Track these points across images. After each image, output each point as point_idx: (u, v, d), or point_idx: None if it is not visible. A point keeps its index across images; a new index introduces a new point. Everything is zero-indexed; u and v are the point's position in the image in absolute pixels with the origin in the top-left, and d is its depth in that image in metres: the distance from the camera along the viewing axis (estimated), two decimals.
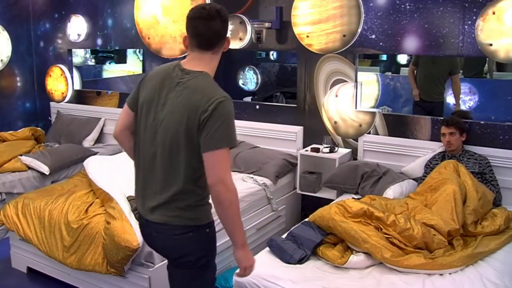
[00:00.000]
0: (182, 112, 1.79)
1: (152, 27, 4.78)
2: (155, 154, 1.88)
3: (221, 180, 1.76)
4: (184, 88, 1.82)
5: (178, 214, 1.87)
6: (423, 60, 4.38)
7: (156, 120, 1.87)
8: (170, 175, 1.85)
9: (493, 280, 2.30)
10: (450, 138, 3.31)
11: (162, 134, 1.84)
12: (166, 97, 1.85)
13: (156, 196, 1.89)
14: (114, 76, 6.27)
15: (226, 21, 1.87)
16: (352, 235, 2.49)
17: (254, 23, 4.09)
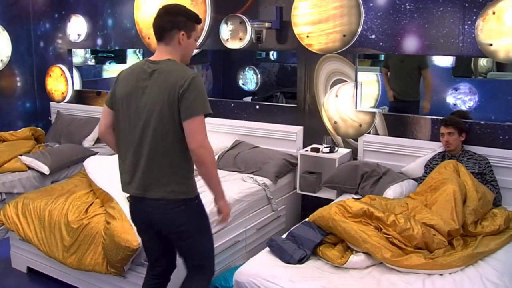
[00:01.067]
0: (162, 92, 2.08)
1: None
2: (142, 137, 2.13)
3: (201, 144, 2.07)
4: (159, 74, 2.12)
5: (173, 189, 2.14)
6: (392, 60, 4.49)
7: (138, 108, 2.14)
8: (160, 153, 2.11)
9: (493, 280, 2.30)
10: (448, 138, 3.31)
11: (147, 117, 2.11)
12: (143, 87, 2.13)
13: (149, 175, 2.14)
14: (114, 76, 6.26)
15: (172, 15, 2.18)
16: (352, 235, 2.49)
17: (254, 23, 4.09)
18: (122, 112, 2.20)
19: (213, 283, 3.06)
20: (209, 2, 4.43)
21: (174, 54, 2.20)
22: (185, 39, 2.20)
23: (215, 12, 4.44)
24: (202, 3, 4.45)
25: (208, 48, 4.64)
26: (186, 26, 2.19)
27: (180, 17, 2.18)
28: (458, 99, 4.45)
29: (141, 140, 2.14)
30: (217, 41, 4.44)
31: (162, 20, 2.19)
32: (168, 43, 2.19)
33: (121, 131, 2.23)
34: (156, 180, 2.14)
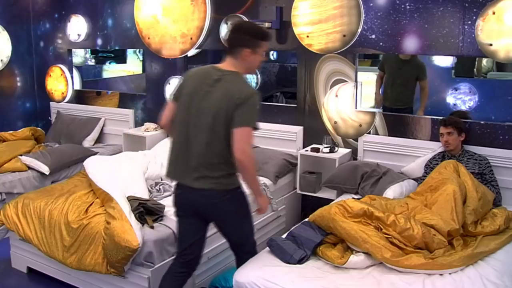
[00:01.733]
0: (223, 99, 2.34)
1: (152, 27, 4.78)
2: (198, 134, 2.39)
3: (244, 152, 2.33)
4: (224, 83, 2.39)
5: (221, 181, 2.42)
6: (389, 66, 4.32)
7: (200, 108, 2.40)
8: (213, 150, 2.38)
9: (493, 280, 2.30)
10: (448, 138, 3.32)
11: (207, 118, 2.37)
12: (207, 90, 2.41)
13: (202, 169, 2.40)
14: (114, 76, 6.27)
15: (238, 33, 2.46)
16: (352, 235, 2.49)
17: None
18: (183, 108, 2.46)
19: (213, 283, 3.06)
20: (209, 2, 4.43)
21: (239, 67, 2.44)
22: (250, 55, 2.42)
23: (215, 12, 4.44)
24: (202, 3, 4.45)
25: (208, 48, 4.64)
26: (251, 43, 2.41)
27: (245, 36, 2.42)
28: (458, 99, 4.45)
29: (197, 137, 2.39)
30: (217, 41, 4.44)
31: (231, 36, 2.49)
32: (235, 57, 2.43)
33: (179, 125, 2.48)
34: (207, 174, 2.39)
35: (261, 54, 2.47)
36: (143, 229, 2.85)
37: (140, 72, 5.77)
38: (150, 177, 3.69)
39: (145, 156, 3.85)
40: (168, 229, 2.93)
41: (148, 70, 5.03)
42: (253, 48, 2.41)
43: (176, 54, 4.73)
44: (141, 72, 5.59)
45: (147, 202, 3.06)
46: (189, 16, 4.54)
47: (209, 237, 3.22)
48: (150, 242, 2.80)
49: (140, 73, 5.78)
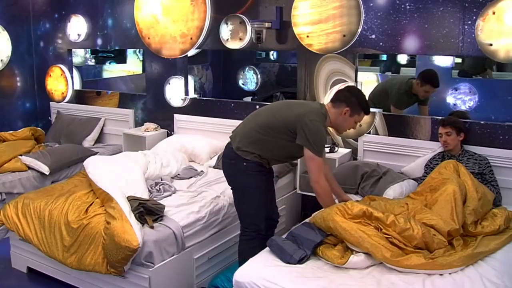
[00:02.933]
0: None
1: (152, 27, 4.78)
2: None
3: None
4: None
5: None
6: (408, 104, 4.17)
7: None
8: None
9: (493, 280, 2.30)
10: (446, 138, 3.33)
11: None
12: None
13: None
14: (114, 76, 6.26)
15: (350, 93, 2.85)
16: (352, 234, 2.49)
17: (254, 23, 4.09)
18: None
19: (213, 283, 3.06)
20: (209, 2, 4.43)
21: (331, 115, 2.83)
22: (347, 115, 2.81)
23: (215, 12, 4.44)
24: (202, 3, 4.45)
25: (208, 48, 4.64)
26: (354, 106, 2.80)
27: (354, 99, 2.81)
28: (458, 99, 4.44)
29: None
30: (217, 41, 4.44)
31: (341, 92, 2.89)
32: (335, 107, 2.83)
33: None
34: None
35: (355, 121, 2.86)
36: (143, 229, 2.85)
37: (140, 72, 5.76)
38: (150, 177, 3.69)
39: (145, 156, 3.85)
40: (168, 229, 2.93)
41: (148, 70, 5.03)
42: (353, 111, 2.81)
43: (176, 54, 4.73)
44: (141, 72, 5.58)
45: (147, 202, 3.06)
46: (189, 16, 4.54)
47: (209, 237, 3.23)
48: (150, 242, 2.80)
49: (140, 73, 5.78)
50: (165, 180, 3.69)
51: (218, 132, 4.53)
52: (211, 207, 3.27)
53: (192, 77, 4.91)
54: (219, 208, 3.31)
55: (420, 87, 3.96)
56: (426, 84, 3.94)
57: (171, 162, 3.92)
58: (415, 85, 4.00)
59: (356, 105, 2.82)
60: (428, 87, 3.95)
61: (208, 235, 3.22)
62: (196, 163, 4.33)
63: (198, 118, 4.69)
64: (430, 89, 3.97)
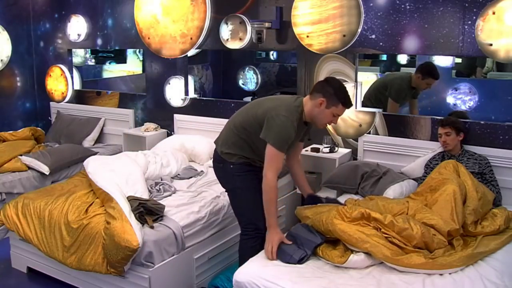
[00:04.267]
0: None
1: (152, 27, 4.78)
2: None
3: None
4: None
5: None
6: (406, 98, 4.21)
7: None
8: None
9: (493, 280, 2.30)
10: (446, 138, 3.34)
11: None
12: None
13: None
14: (114, 76, 6.26)
15: (327, 83, 2.70)
16: (352, 235, 2.49)
17: (254, 23, 4.09)
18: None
19: (213, 283, 3.06)
20: (209, 2, 4.43)
21: (307, 107, 2.69)
22: (323, 106, 2.64)
23: (215, 12, 4.44)
24: (202, 3, 4.45)
25: (208, 48, 4.64)
26: (329, 96, 2.63)
27: (329, 88, 2.64)
28: (458, 99, 4.44)
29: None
30: (217, 41, 4.44)
31: (318, 83, 2.76)
32: (312, 98, 2.69)
33: None
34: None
35: (332, 113, 2.67)
36: (143, 229, 2.85)
37: (140, 72, 5.76)
38: (150, 177, 3.69)
39: (145, 156, 3.85)
40: (168, 229, 2.94)
41: (148, 70, 5.03)
42: (329, 102, 2.64)
43: (176, 54, 4.73)
44: (141, 72, 5.58)
45: (147, 202, 3.06)
46: (189, 16, 4.54)
47: (209, 237, 3.23)
48: (150, 242, 2.80)
49: (140, 73, 5.78)
50: (165, 180, 3.69)
51: (218, 132, 4.46)
52: (211, 207, 3.27)
53: (192, 77, 4.91)
54: (219, 208, 3.31)
55: (421, 80, 3.97)
56: (428, 77, 3.96)
57: (171, 162, 3.92)
58: (415, 78, 4.01)
59: (332, 95, 2.63)
60: (430, 79, 3.97)
61: (208, 235, 3.22)
62: (196, 163, 4.33)
63: (198, 118, 4.69)
64: (431, 81, 3.99)
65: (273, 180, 2.63)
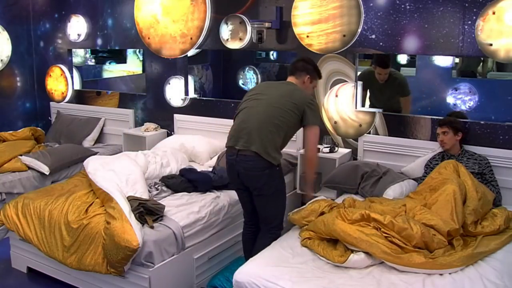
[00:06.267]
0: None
1: (152, 27, 4.78)
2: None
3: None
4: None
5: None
6: (371, 87, 4.14)
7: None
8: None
9: (493, 280, 2.30)
10: (443, 137, 3.35)
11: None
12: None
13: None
14: (114, 76, 6.27)
15: (306, 63, 3.10)
16: (351, 235, 2.50)
17: (254, 23, 4.09)
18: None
19: (213, 283, 3.06)
20: (209, 2, 4.43)
21: (300, 86, 3.04)
22: (308, 82, 3.08)
23: (215, 12, 4.44)
24: (202, 3, 4.45)
25: (208, 48, 4.64)
26: (312, 73, 3.09)
27: (309, 66, 3.08)
28: (458, 99, 4.44)
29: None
30: (217, 41, 4.44)
31: (298, 63, 3.11)
32: (297, 77, 3.06)
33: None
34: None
35: (313, 86, 3.15)
36: (143, 229, 2.85)
37: (140, 72, 5.76)
38: (150, 177, 3.69)
39: (145, 156, 3.85)
40: (168, 229, 2.94)
41: (148, 70, 5.03)
42: (312, 78, 3.09)
43: (176, 54, 4.73)
44: (141, 72, 5.58)
45: (147, 202, 3.06)
46: (189, 16, 4.54)
47: (209, 237, 3.23)
48: (150, 242, 2.80)
49: (140, 73, 5.78)
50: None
51: (218, 132, 4.53)
52: (211, 207, 3.27)
53: (192, 77, 4.91)
54: (219, 208, 3.31)
55: (374, 70, 4.06)
56: (376, 66, 4.05)
57: (171, 162, 3.92)
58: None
59: (313, 71, 3.09)
60: (378, 68, 4.04)
61: (208, 235, 3.22)
62: (196, 163, 4.33)
63: (198, 118, 4.69)
64: (379, 70, 4.04)
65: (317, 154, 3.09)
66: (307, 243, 2.67)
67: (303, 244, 2.69)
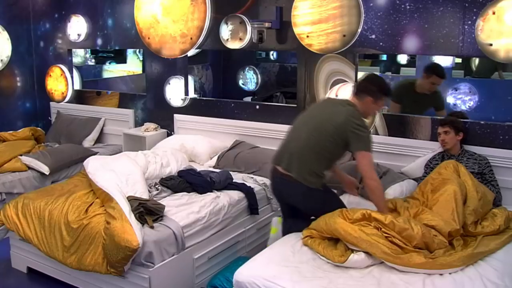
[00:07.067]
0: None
1: (152, 27, 4.78)
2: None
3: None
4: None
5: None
6: (406, 98, 4.09)
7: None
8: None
9: (493, 280, 2.30)
10: (444, 137, 3.35)
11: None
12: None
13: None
14: (114, 76, 6.27)
15: (369, 83, 2.95)
16: (351, 234, 2.50)
17: (254, 23, 4.09)
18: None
19: (213, 283, 3.06)
20: (209, 2, 4.43)
21: (360, 107, 2.88)
22: (371, 103, 2.89)
23: (215, 12, 4.44)
24: (202, 3, 4.45)
25: (208, 48, 4.64)
26: (374, 94, 2.88)
27: (373, 87, 2.89)
28: (458, 99, 4.44)
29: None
30: (217, 41, 4.44)
31: (361, 83, 3.00)
32: (359, 99, 2.90)
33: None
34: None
35: (379, 105, 2.97)
36: (143, 229, 2.85)
37: (140, 72, 5.76)
38: (150, 177, 3.69)
39: (145, 156, 3.85)
40: (168, 229, 2.93)
41: (148, 70, 5.03)
42: (375, 99, 2.89)
43: (176, 54, 4.73)
44: (141, 72, 5.58)
45: (147, 202, 3.06)
46: (189, 16, 4.54)
47: (209, 238, 3.23)
48: (150, 242, 2.80)
49: (140, 73, 5.78)
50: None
51: (218, 132, 4.53)
52: (211, 207, 3.27)
53: (192, 77, 4.91)
54: (219, 208, 3.31)
55: (426, 80, 3.86)
56: (432, 75, 3.85)
57: (171, 162, 3.92)
58: (419, 81, 3.91)
59: (376, 91, 2.90)
60: (434, 77, 3.86)
61: (208, 235, 3.22)
62: (196, 163, 4.33)
63: (198, 118, 4.69)
64: (436, 80, 3.86)
65: (379, 180, 2.85)
66: (308, 242, 2.67)
67: (304, 243, 2.69)
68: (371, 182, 2.74)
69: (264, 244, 3.47)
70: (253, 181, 3.74)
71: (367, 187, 2.78)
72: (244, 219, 3.51)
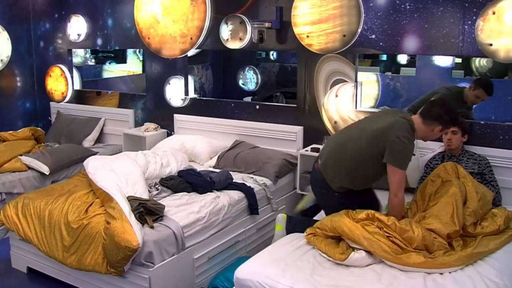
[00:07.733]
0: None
1: (152, 27, 4.78)
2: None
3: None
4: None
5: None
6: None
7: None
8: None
9: (493, 279, 2.31)
10: (452, 136, 3.28)
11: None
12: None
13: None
14: (114, 76, 6.27)
15: (442, 109, 2.75)
16: (353, 231, 2.52)
17: (254, 23, 4.09)
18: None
19: (214, 283, 3.06)
20: (209, 2, 4.43)
21: (421, 130, 2.78)
22: (437, 131, 2.79)
23: (215, 12, 4.44)
24: (202, 3, 4.45)
25: (208, 48, 4.64)
26: (446, 124, 2.78)
27: (447, 117, 2.75)
28: None
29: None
30: (217, 41, 4.44)
31: (435, 109, 2.77)
32: (426, 124, 2.77)
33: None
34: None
35: (445, 133, 2.97)
36: (143, 229, 2.85)
37: (140, 72, 5.76)
38: (150, 177, 3.69)
39: (145, 156, 3.85)
40: (168, 229, 2.93)
41: (148, 70, 5.03)
42: (444, 127, 2.80)
43: (176, 54, 4.73)
44: (141, 72, 5.59)
45: (147, 202, 3.06)
46: (189, 16, 4.54)
47: (209, 238, 3.24)
48: (150, 242, 2.80)
49: (140, 73, 5.78)
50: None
51: (218, 132, 4.53)
52: (211, 207, 3.27)
53: (192, 77, 4.91)
54: (219, 208, 3.31)
55: (472, 91, 3.76)
56: (479, 88, 3.72)
57: (171, 162, 3.92)
58: (466, 91, 3.81)
59: (449, 122, 2.79)
60: (480, 91, 3.72)
61: (208, 235, 3.22)
62: (196, 163, 4.33)
63: (198, 118, 4.69)
64: (481, 94, 3.73)
65: (403, 198, 2.77)
66: (311, 239, 2.68)
67: (307, 240, 2.70)
68: (394, 199, 2.72)
69: (264, 244, 3.48)
70: (253, 181, 3.74)
71: (390, 202, 2.76)
72: (244, 219, 3.51)
